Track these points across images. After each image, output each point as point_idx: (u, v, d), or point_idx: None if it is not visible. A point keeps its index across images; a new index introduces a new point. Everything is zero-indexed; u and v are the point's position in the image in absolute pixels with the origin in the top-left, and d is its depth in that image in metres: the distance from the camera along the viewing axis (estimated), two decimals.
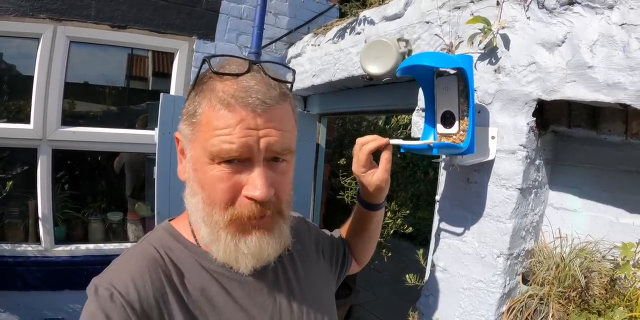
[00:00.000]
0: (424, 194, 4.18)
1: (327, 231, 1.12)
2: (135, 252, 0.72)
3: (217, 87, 0.66)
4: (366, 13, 1.86)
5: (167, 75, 2.84)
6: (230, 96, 0.63)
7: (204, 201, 0.68)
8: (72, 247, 2.68)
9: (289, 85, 0.72)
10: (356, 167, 1.02)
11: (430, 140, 1.21)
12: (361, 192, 1.07)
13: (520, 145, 1.12)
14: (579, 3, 0.99)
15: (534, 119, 1.12)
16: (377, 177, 1.00)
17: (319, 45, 2.33)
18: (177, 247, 0.74)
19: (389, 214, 3.07)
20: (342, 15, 2.61)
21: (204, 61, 0.67)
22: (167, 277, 0.68)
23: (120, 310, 0.60)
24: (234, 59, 0.70)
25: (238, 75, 0.66)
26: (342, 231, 1.17)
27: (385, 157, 1.00)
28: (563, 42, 1.02)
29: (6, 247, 2.52)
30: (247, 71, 0.66)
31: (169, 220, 0.81)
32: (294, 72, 0.74)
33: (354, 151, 1.02)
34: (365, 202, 1.07)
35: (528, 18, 1.10)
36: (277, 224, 0.72)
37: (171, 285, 0.68)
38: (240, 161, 0.65)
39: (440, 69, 1.16)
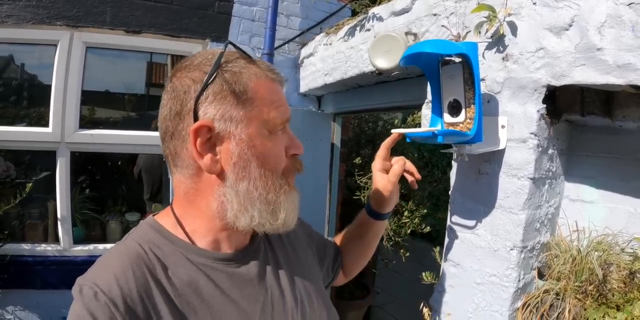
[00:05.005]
0: (444, 194, 4.12)
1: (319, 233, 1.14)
2: (119, 250, 0.72)
3: (252, 67, 0.72)
4: (375, 9, 1.85)
5: None
6: (270, 72, 0.74)
7: (261, 178, 0.71)
8: (91, 247, 2.72)
9: None
10: (375, 162, 1.09)
11: (436, 127, 1.19)
12: (370, 195, 1.11)
13: (531, 133, 1.09)
14: None
15: (544, 106, 1.08)
16: (381, 184, 1.07)
17: (330, 44, 2.32)
18: (162, 242, 0.73)
19: (406, 213, 3.02)
20: (354, 14, 2.60)
21: (227, 44, 0.73)
22: (151, 272, 0.68)
23: (104, 308, 0.60)
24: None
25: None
26: (337, 239, 1.19)
27: (394, 169, 1.06)
28: (570, 25, 0.99)
29: (26, 247, 2.57)
30: None
31: (153, 215, 0.80)
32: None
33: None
34: (370, 207, 1.11)
35: (534, 3, 1.07)
36: None
37: (155, 280, 0.68)
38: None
39: (446, 58, 1.14)
